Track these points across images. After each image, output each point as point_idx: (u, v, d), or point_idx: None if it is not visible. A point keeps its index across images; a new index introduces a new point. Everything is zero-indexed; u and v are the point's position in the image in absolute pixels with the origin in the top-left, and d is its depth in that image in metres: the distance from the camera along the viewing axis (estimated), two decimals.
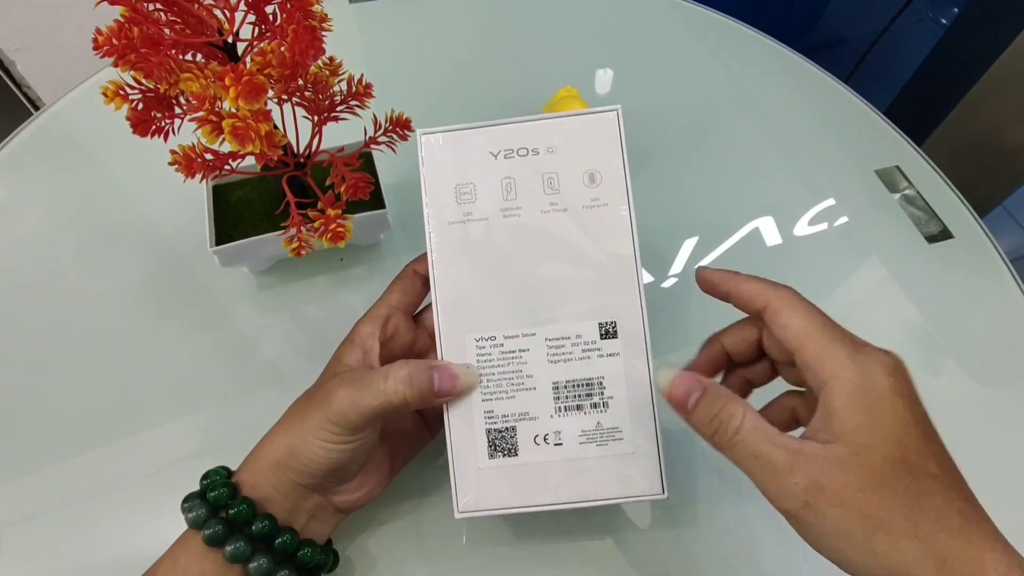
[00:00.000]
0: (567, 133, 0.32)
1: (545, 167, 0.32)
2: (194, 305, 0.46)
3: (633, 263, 0.31)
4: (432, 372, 0.30)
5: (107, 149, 0.56)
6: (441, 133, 0.34)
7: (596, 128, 0.32)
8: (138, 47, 0.29)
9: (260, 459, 0.32)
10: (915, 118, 1.05)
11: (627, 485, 0.30)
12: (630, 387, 0.31)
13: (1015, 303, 0.50)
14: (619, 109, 0.31)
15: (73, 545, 0.37)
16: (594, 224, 0.31)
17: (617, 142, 0.31)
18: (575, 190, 0.31)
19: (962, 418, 0.44)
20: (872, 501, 0.23)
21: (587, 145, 0.31)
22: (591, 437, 0.30)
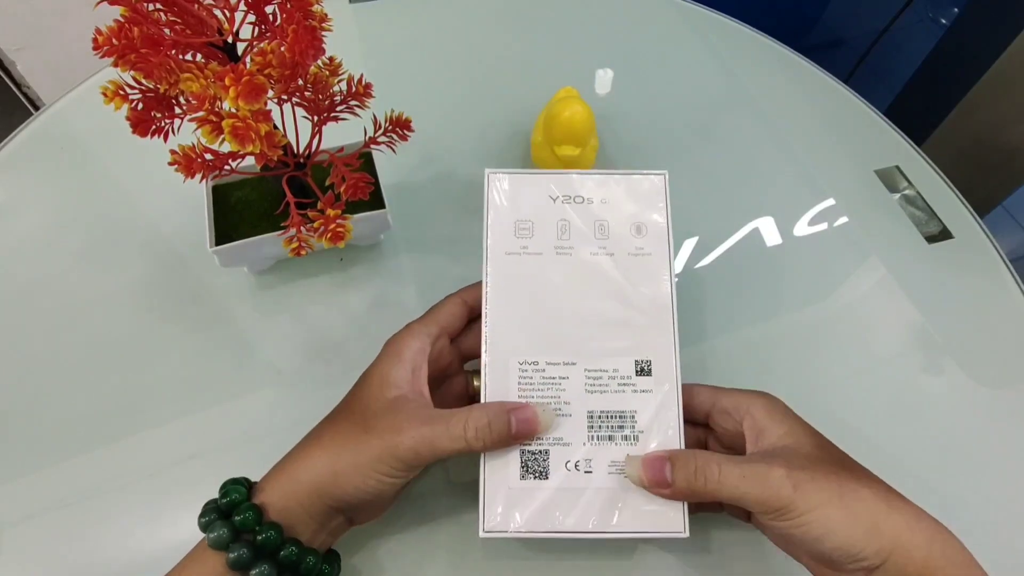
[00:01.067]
0: (620, 187, 0.35)
1: (597, 215, 0.35)
2: (194, 305, 0.47)
3: (670, 310, 0.33)
4: (510, 416, 0.31)
5: (107, 149, 0.56)
6: (506, 174, 0.37)
7: (646, 187, 0.35)
8: (138, 47, 0.29)
9: (294, 481, 0.31)
10: (915, 118, 1.05)
11: (649, 521, 0.31)
12: (659, 424, 0.32)
13: (1015, 303, 0.50)
14: (666, 174, 0.35)
15: (73, 545, 0.37)
16: (637, 270, 0.34)
17: (662, 200, 0.35)
18: (622, 238, 0.34)
19: (962, 418, 0.44)
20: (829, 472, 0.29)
21: (636, 200, 0.35)
22: (620, 469, 0.31)
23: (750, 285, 0.50)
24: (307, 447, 0.32)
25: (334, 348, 0.45)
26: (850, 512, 0.28)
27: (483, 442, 0.30)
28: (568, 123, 0.49)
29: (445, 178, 0.54)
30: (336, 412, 0.33)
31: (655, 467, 0.30)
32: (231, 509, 0.29)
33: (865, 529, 0.27)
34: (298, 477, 0.30)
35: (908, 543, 0.27)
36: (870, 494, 0.28)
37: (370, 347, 0.35)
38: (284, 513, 0.30)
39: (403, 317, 0.36)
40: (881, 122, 0.63)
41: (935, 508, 0.29)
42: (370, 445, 0.30)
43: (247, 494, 0.30)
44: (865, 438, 0.30)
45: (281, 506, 0.30)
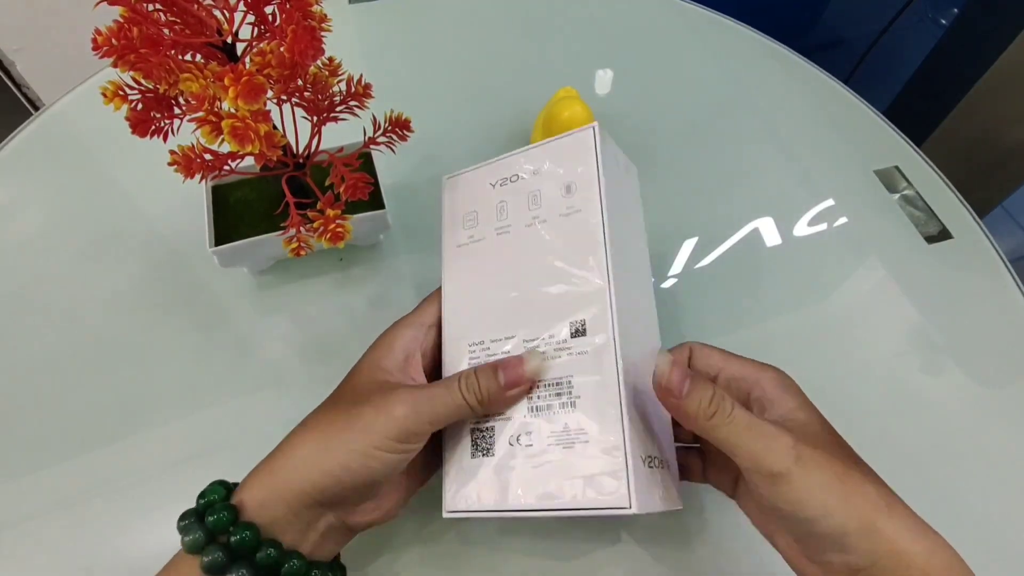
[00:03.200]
0: (551, 154, 0.34)
1: (530, 187, 0.34)
2: (194, 305, 0.47)
3: (603, 263, 0.30)
4: (497, 370, 0.30)
5: (107, 149, 0.56)
6: (457, 175, 0.38)
7: (574, 144, 0.34)
8: (137, 47, 0.29)
9: (273, 474, 0.29)
10: (915, 118, 1.05)
11: (592, 495, 0.27)
12: (597, 388, 0.29)
13: (1014, 303, 0.50)
14: (596, 126, 0.33)
15: (73, 546, 0.37)
16: (571, 230, 0.32)
17: (591, 155, 0.32)
18: (553, 201, 0.33)
19: (961, 418, 0.44)
20: (835, 457, 0.27)
21: (567, 161, 0.34)
22: (559, 439, 0.29)
23: (750, 285, 0.50)
24: (291, 439, 0.30)
25: (334, 348, 0.45)
26: (849, 502, 0.26)
27: (475, 395, 0.29)
28: (568, 123, 0.49)
29: None
30: (323, 403, 0.32)
31: (680, 374, 0.28)
32: (207, 510, 0.28)
33: (861, 524, 0.26)
34: (280, 471, 0.29)
35: (906, 550, 0.26)
36: (874, 491, 0.27)
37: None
38: (263, 511, 0.28)
39: (402, 317, 0.36)
40: (881, 122, 0.63)
41: (934, 507, 0.29)
42: (360, 417, 0.28)
43: (225, 495, 0.29)
44: (864, 438, 0.30)
45: (259, 504, 0.28)
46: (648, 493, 0.28)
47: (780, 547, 0.30)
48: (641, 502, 0.27)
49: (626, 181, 0.36)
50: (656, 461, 0.30)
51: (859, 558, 0.26)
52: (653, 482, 0.29)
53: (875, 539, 0.26)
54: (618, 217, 0.32)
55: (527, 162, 0.35)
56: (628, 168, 0.37)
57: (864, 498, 0.27)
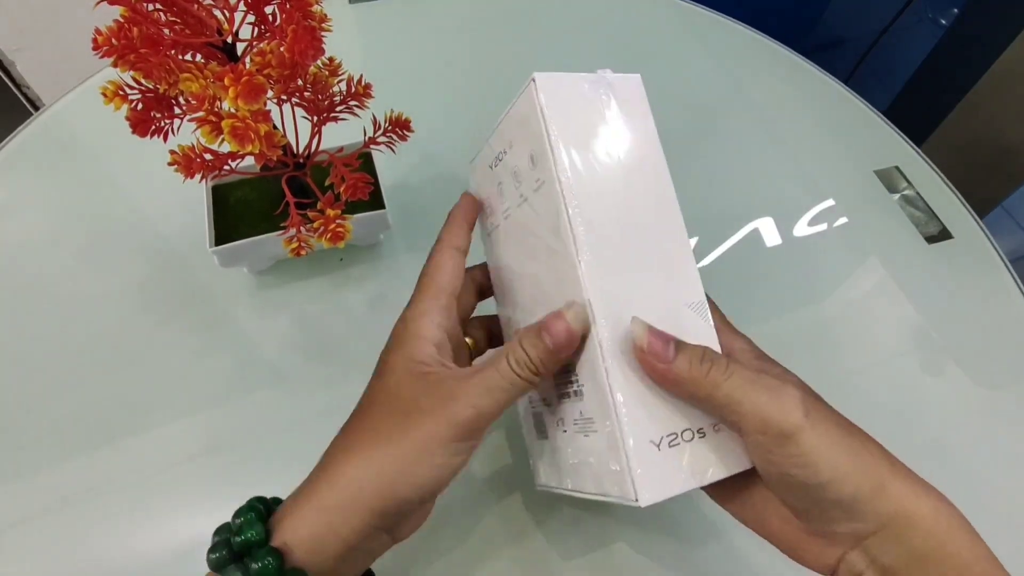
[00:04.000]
0: (513, 123, 0.30)
1: (512, 163, 0.31)
2: (194, 305, 0.47)
3: (569, 239, 0.26)
4: (542, 334, 0.26)
5: (107, 149, 0.56)
6: (474, 159, 0.36)
7: (525, 108, 0.29)
8: (138, 47, 0.29)
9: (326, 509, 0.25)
10: (915, 118, 1.05)
11: (605, 483, 0.26)
12: (593, 374, 0.26)
13: (1015, 303, 0.50)
14: (535, 76, 0.28)
15: (73, 545, 0.37)
16: (542, 205, 0.28)
17: (537, 115, 0.28)
18: (526, 176, 0.29)
19: (961, 418, 0.44)
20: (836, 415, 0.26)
21: (524, 128, 0.29)
22: (579, 426, 0.28)
23: (750, 285, 0.50)
24: (335, 463, 0.26)
25: (334, 348, 0.45)
26: (860, 462, 0.24)
27: (528, 368, 0.26)
28: None
29: (445, 178, 0.54)
30: (359, 415, 0.28)
31: (661, 338, 0.25)
32: (245, 550, 0.25)
33: (872, 486, 0.24)
34: (331, 502, 0.25)
35: (912, 511, 0.24)
36: (876, 450, 0.25)
37: (370, 347, 0.34)
38: (313, 553, 0.25)
39: None
40: (881, 122, 0.63)
41: None
42: (421, 426, 0.25)
43: (264, 532, 0.25)
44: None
45: (310, 546, 0.25)
46: (668, 477, 0.25)
47: (773, 531, 0.27)
48: (651, 492, 0.24)
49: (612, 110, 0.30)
50: (687, 434, 0.26)
51: (868, 524, 0.24)
52: (676, 463, 0.25)
53: (884, 501, 0.24)
54: (592, 172, 0.27)
55: (503, 137, 0.32)
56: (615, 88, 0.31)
57: (871, 456, 0.25)
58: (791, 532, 0.26)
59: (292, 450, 0.40)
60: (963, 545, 0.24)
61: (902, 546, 0.24)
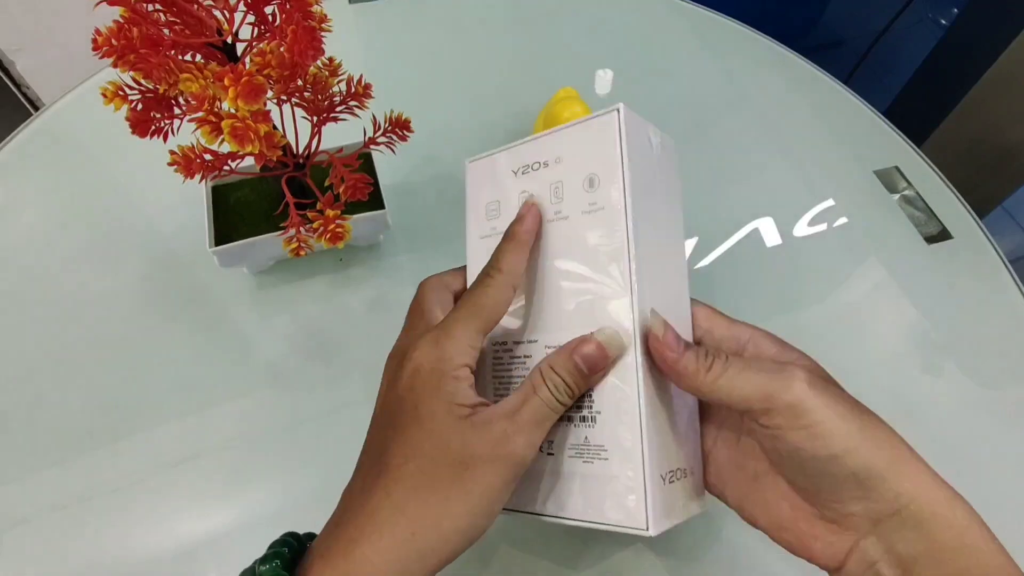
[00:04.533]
0: (572, 141, 0.31)
1: (553, 177, 0.31)
2: (193, 305, 0.47)
3: (627, 273, 0.28)
4: (574, 358, 0.26)
5: (107, 149, 0.56)
6: (480, 159, 0.35)
7: (597, 131, 0.30)
8: (137, 47, 0.29)
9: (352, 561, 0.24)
10: (915, 118, 1.05)
11: (608, 511, 0.27)
12: (618, 406, 0.27)
13: (1014, 303, 0.50)
14: (620, 108, 0.29)
15: (73, 546, 0.37)
16: (593, 230, 0.29)
17: (616, 143, 0.29)
18: (575, 195, 0.30)
19: (961, 418, 0.44)
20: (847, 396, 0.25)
21: (589, 150, 0.30)
22: (579, 452, 0.28)
23: (750, 285, 0.50)
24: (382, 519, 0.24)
25: (334, 348, 0.45)
26: (873, 436, 0.24)
27: (566, 394, 0.27)
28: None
29: (444, 178, 0.54)
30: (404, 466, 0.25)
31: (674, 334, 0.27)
32: None
33: (888, 462, 0.23)
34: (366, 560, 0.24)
35: (931, 496, 0.23)
36: (890, 431, 0.24)
37: (370, 347, 0.34)
38: None
39: (402, 317, 0.36)
40: (881, 122, 0.63)
41: None
42: (482, 478, 0.25)
43: None
44: None
45: None
46: (666, 512, 0.27)
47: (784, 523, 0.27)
48: (659, 524, 0.26)
49: (659, 163, 0.32)
50: (679, 473, 0.28)
51: (885, 504, 0.23)
52: (673, 498, 0.27)
53: (901, 479, 0.23)
54: (647, 212, 0.29)
55: (549, 148, 0.32)
56: (663, 145, 0.33)
57: (885, 434, 0.24)
58: (802, 522, 0.26)
59: (292, 450, 0.41)
60: (981, 539, 0.23)
61: (920, 532, 0.23)
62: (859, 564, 0.24)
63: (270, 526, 0.37)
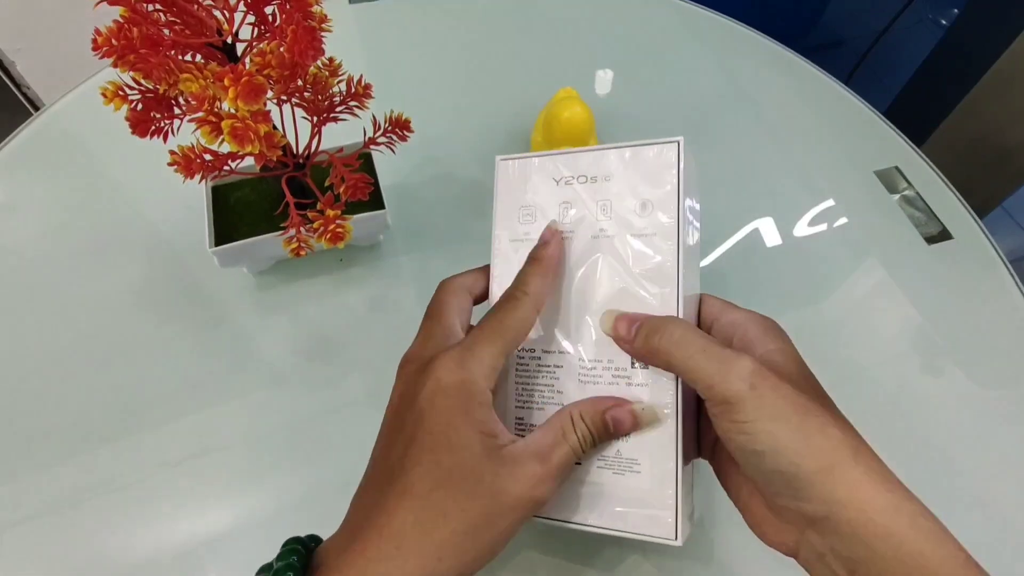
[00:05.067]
0: (625, 161, 0.32)
1: (601, 194, 0.32)
2: (193, 305, 0.47)
3: (675, 300, 0.29)
4: (605, 418, 0.28)
5: (107, 149, 0.56)
6: (514, 159, 0.34)
7: (655, 158, 0.31)
8: (137, 48, 0.29)
9: None
10: (915, 118, 1.05)
11: (638, 522, 0.29)
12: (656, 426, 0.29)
13: (1014, 304, 0.50)
14: (680, 141, 0.31)
15: (73, 546, 0.37)
16: (640, 253, 0.30)
17: (673, 173, 0.30)
18: (625, 216, 0.31)
19: (961, 418, 0.44)
20: (800, 393, 0.25)
21: (643, 174, 0.31)
22: (609, 464, 0.29)
23: (750, 286, 0.50)
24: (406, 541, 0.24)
25: (334, 348, 0.45)
26: (806, 441, 0.24)
27: (588, 445, 0.28)
28: (568, 123, 0.49)
29: (445, 178, 0.54)
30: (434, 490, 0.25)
31: (627, 321, 0.29)
32: None
33: (817, 467, 0.23)
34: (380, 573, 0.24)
35: (866, 502, 0.23)
36: (838, 434, 0.24)
37: (370, 347, 0.35)
38: None
39: (402, 317, 0.36)
40: (881, 123, 0.63)
41: (933, 508, 0.29)
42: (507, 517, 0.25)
43: None
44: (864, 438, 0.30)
45: None
46: (688, 519, 0.29)
47: (744, 504, 0.28)
48: (684, 533, 0.28)
49: (697, 191, 0.34)
50: (690, 484, 0.30)
51: (815, 507, 0.24)
52: (692, 503, 0.30)
53: (833, 486, 0.23)
54: (689, 237, 0.31)
55: (600, 164, 0.32)
56: (698, 174, 0.34)
57: (825, 439, 0.24)
58: (754, 506, 0.27)
59: (292, 450, 0.41)
60: (928, 544, 0.22)
61: (853, 540, 0.23)
62: (809, 553, 0.25)
63: (270, 526, 0.37)
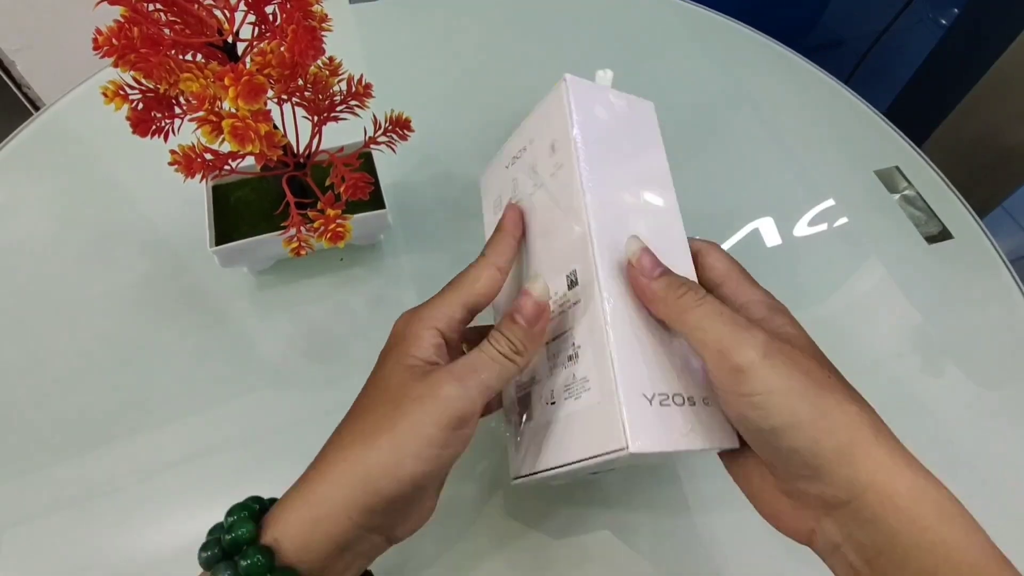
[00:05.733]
0: (538, 120, 0.35)
1: (530, 158, 0.35)
2: (194, 305, 0.47)
3: (582, 209, 0.29)
4: (515, 316, 0.28)
5: (107, 149, 0.56)
6: (488, 167, 0.39)
7: (554, 102, 0.33)
8: (138, 47, 0.29)
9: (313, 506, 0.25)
10: (915, 118, 1.05)
11: (595, 441, 0.26)
12: (591, 333, 0.28)
13: (1015, 303, 0.50)
14: (567, 77, 0.33)
15: (72, 546, 0.37)
16: (558, 188, 0.31)
17: (565, 107, 0.32)
18: (544, 164, 0.33)
19: (962, 418, 0.44)
20: (817, 367, 0.24)
21: (550, 122, 0.33)
22: (570, 391, 0.29)
23: None
24: (327, 460, 0.26)
25: (334, 348, 0.45)
26: (825, 417, 0.22)
27: (508, 345, 0.27)
28: None
29: (445, 178, 0.54)
30: (352, 412, 0.28)
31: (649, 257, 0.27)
32: (235, 548, 0.24)
33: (838, 445, 0.22)
34: (322, 502, 0.25)
35: (888, 485, 0.22)
36: (857, 410, 0.23)
37: (370, 347, 0.34)
38: (304, 550, 0.24)
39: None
40: (881, 122, 0.63)
41: None
42: (405, 415, 0.25)
43: (255, 530, 0.25)
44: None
45: (300, 543, 0.24)
46: (657, 431, 0.26)
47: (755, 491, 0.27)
48: (639, 442, 0.25)
49: (626, 121, 0.34)
50: (677, 399, 0.27)
51: (836, 490, 0.22)
52: (667, 420, 0.26)
53: (856, 467, 0.22)
54: (607, 160, 0.31)
55: (523, 136, 0.36)
56: (631, 106, 0.35)
57: (845, 416, 0.23)
58: (767, 493, 0.26)
59: (292, 450, 0.40)
60: (953, 532, 0.21)
61: (877, 526, 0.22)
62: (825, 544, 0.24)
63: None
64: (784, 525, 0.25)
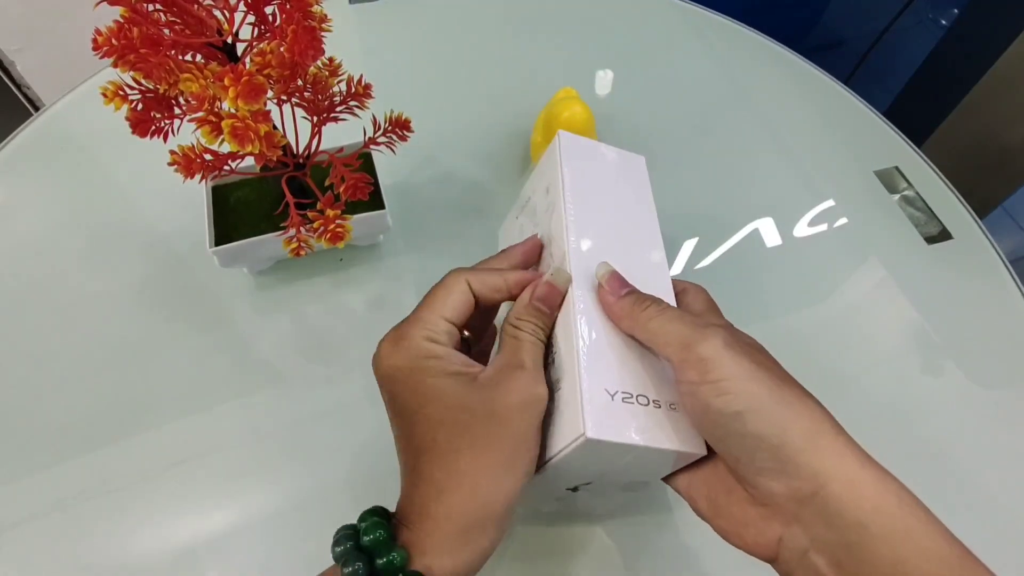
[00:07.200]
0: (539, 171, 0.37)
1: (534, 203, 0.37)
2: (193, 305, 0.47)
3: (565, 235, 0.32)
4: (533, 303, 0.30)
5: (107, 149, 0.56)
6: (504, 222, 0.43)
7: (550, 153, 0.36)
8: (138, 47, 0.29)
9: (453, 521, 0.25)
10: (915, 119, 1.05)
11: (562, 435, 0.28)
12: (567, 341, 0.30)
13: (1014, 304, 0.50)
14: (560, 133, 0.36)
15: (72, 546, 0.37)
16: (551, 223, 0.34)
17: (556, 158, 0.35)
18: (540, 205, 0.36)
19: (961, 418, 0.44)
20: (776, 367, 0.26)
21: (547, 170, 0.36)
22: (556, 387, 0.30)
23: (750, 286, 0.50)
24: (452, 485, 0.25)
25: (334, 348, 0.45)
26: (788, 407, 0.23)
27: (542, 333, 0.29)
28: (568, 123, 0.49)
29: (444, 178, 0.54)
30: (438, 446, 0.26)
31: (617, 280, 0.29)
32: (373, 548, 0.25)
33: (803, 434, 0.23)
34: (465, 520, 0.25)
35: (855, 476, 0.22)
36: (816, 406, 0.24)
37: (370, 347, 0.34)
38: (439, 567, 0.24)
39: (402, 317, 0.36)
40: (881, 123, 0.63)
41: (933, 507, 0.29)
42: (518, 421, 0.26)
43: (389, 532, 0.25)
44: (864, 438, 0.30)
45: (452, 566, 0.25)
46: (615, 422, 0.26)
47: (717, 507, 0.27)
48: (597, 430, 0.26)
49: (616, 171, 0.37)
50: (641, 399, 0.28)
51: (801, 482, 0.22)
52: (629, 415, 0.27)
53: (820, 454, 0.22)
54: (592, 202, 0.34)
55: (529, 186, 0.39)
56: (623, 159, 0.38)
57: (806, 408, 0.24)
58: (735, 507, 0.26)
59: (292, 450, 0.41)
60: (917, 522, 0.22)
61: (844, 517, 0.22)
62: (791, 552, 0.24)
63: (270, 526, 0.37)
64: (749, 538, 0.25)
